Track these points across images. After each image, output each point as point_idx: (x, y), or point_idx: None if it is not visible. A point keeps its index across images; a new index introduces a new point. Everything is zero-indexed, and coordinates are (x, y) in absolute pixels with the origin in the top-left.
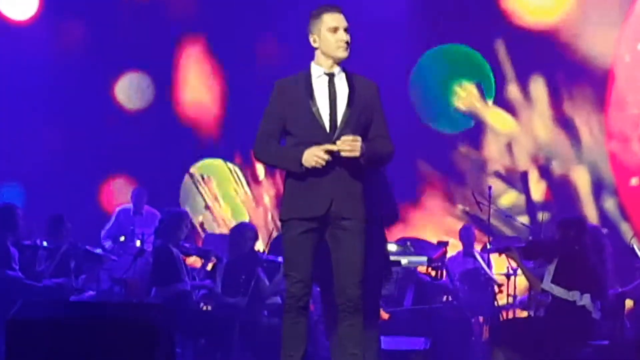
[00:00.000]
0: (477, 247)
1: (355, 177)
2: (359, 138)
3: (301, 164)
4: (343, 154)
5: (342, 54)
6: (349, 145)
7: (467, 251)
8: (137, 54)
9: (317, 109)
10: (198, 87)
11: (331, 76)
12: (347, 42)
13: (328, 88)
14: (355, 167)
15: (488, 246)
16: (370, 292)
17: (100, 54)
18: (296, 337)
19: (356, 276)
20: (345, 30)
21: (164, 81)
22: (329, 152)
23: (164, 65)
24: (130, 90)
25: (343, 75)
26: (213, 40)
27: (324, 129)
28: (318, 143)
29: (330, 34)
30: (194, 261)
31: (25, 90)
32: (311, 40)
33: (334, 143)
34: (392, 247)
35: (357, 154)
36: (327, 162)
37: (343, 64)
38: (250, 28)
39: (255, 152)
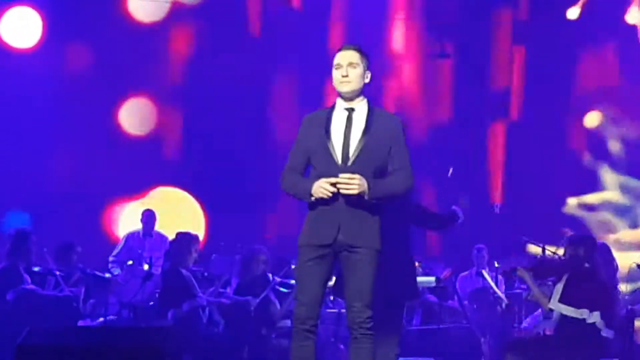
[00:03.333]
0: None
1: (368, 207)
2: (357, 176)
3: (311, 195)
4: (341, 191)
5: (341, 88)
6: (346, 183)
7: (479, 271)
8: (140, 80)
9: (331, 143)
10: None
11: (350, 111)
12: (344, 76)
13: (345, 122)
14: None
15: (496, 264)
16: (392, 317)
17: (103, 80)
18: (302, 359)
19: (364, 299)
20: (351, 65)
21: (169, 106)
22: (335, 184)
23: (168, 90)
24: (134, 115)
25: (365, 109)
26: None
27: (336, 162)
28: (331, 175)
29: (335, 71)
30: None
31: (30, 118)
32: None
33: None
34: None
35: (354, 192)
36: (338, 193)
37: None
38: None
39: (281, 183)
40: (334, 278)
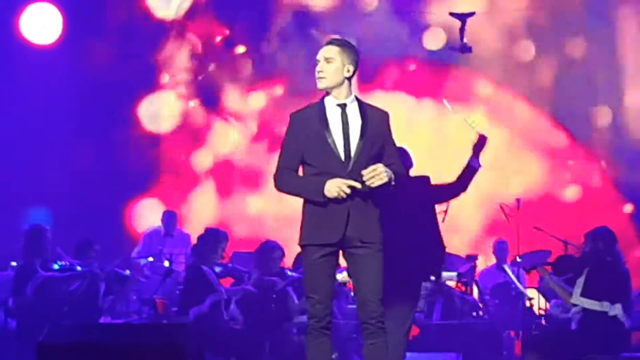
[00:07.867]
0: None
1: (369, 202)
2: (379, 165)
3: (323, 194)
4: (373, 185)
5: (318, 84)
6: (375, 176)
7: (500, 265)
8: (160, 75)
9: (333, 140)
10: None
11: (343, 107)
12: (319, 71)
13: (341, 119)
14: (369, 194)
15: (518, 259)
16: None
17: (123, 76)
18: (320, 355)
19: (376, 295)
20: (326, 60)
21: (189, 100)
22: (351, 186)
23: (188, 85)
24: (154, 111)
25: (355, 105)
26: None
27: (339, 159)
28: (333, 172)
29: (316, 68)
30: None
31: (49, 114)
32: None
33: (349, 173)
34: None
35: (385, 179)
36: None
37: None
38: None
39: (277, 184)
40: (344, 273)
